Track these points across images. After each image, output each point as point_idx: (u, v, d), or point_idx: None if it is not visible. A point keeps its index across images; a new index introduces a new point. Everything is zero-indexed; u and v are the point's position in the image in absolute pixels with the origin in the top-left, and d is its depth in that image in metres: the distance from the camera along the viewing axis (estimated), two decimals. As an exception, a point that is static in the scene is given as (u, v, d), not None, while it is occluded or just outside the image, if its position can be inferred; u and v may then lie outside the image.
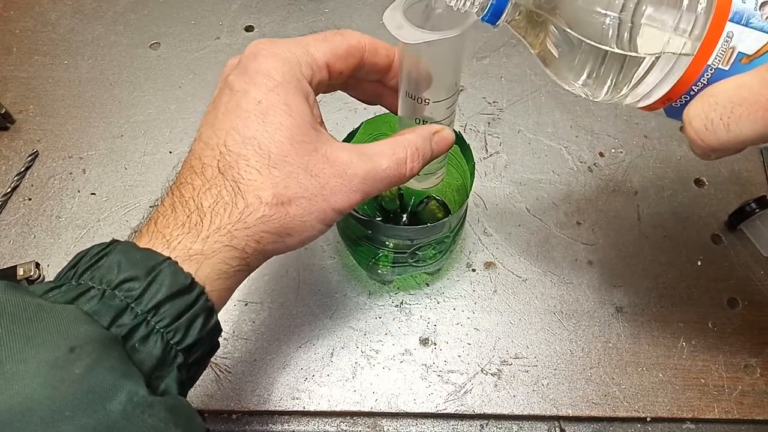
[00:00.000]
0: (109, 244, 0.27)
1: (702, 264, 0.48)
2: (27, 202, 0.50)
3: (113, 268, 0.25)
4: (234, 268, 0.28)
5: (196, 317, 0.26)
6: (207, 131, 0.29)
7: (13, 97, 0.56)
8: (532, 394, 0.42)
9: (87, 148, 0.53)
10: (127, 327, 0.25)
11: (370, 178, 0.29)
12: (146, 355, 0.25)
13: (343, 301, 0.46)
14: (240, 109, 0.28)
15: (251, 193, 0.27)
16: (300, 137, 0.28)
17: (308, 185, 0.28)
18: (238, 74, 0.29)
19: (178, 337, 0.26)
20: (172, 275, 0.26)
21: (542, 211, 0.50)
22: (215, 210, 0.27)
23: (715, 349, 0.44)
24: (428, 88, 0.31)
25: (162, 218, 0.28)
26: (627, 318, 0.46)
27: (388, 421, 0.42)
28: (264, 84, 0.28)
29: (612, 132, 0.55)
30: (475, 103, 0.56)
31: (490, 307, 0.46)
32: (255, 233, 0.28)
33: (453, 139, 0.34)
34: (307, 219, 0.28)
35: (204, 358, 0.28)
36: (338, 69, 0.31)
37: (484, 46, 0.60)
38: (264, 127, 0.28)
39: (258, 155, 0.28)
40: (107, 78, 0.57)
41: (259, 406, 0.42)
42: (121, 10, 0.62)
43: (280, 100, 0.28)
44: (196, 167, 0.28)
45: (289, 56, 0.29)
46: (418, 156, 0.31)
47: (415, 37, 0.27)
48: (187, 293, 0.26)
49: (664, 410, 0.42)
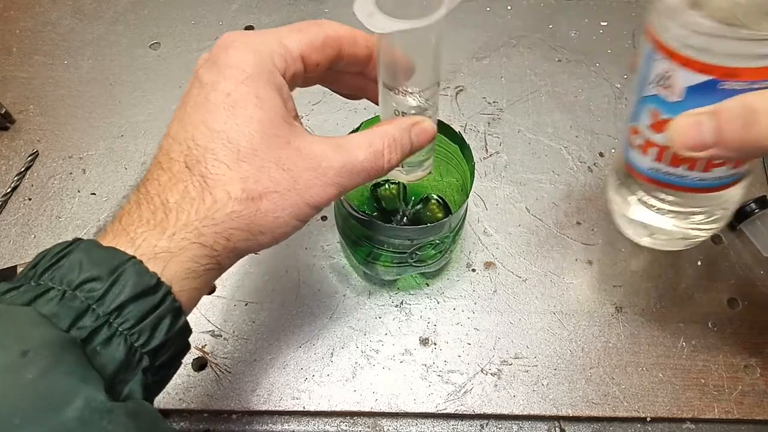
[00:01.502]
0: (71, 242, 0.26)
1: (702, 264, 0.48)
2: (27, 202, 0.50)
3: (74, 267, 0.24)
4: (203, 266, 0.27)
5: (162, 318, 0.25)
6: (175, 126, 0.28)
7: (14, 97, 0.56)
8: (532, 394, 0.42)
9: (87, 148, 0.53)
10: (87, 329, 0.24)
11: (346, 171, 0.28)
12: (108, 359, 0.24)
13: (343, 301, 0.46)
14: (209, 102, 0.27)
15: (219, 188, 0.26)
16: (271, 131, 0.27)
17: (280, 179, 0.27)
18: (208, 67, 0.28)
19: (142, 339, 0.25)
20: (137, 275, 0.25)
21: (542, 211, 0.50)
22: (181, 206, 0.26)
23: (714, 349, 0.44)
24: (405, 78, 0.30)
25: (126, 215, 0.27)
26: (627, 318, 0.46)
27: (388, 421, 0.42)
28: (234, 76, 0.27)
29: (612, 132, 0.55)
30: (475, 103, 0.56)
31: (490, 307, 0.46)
32: (224, 230, 0.26)
33: (434, 131, 0.32)
34: (279, 215, 0.27)
35: (173, 360, 0.27)
36: (314, 60, 0.30)
37: (484, 46, 0.60)
38: (233, 120, 0.27)
39: (227, 149, 0.26)
40: (107, 78, 0.57)
41: (259, 406, 0.42)
42: (121, 10, 0.62)
43: (251, 92, 0.27)
44: (163, 163, 0.27)
45: (261, 48, 0.28)
46: (396, 147, 0.30)
47: (386, 26, 0.26)
48: (152, 293, 0.25)
49: (664, 410, 0.42)
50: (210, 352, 0.43)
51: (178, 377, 0.42)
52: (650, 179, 0.37)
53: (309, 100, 0.56)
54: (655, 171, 0.36)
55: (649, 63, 0.33)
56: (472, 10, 0.63)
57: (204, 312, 0.45)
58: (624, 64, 0.59)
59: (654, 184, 0.37)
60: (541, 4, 0.64)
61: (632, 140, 0.37)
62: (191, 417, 0.42)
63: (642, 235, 0.43)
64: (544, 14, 0.63)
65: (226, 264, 0.28)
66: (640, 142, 0.36)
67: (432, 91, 0.31)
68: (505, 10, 0.63)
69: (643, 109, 0.35)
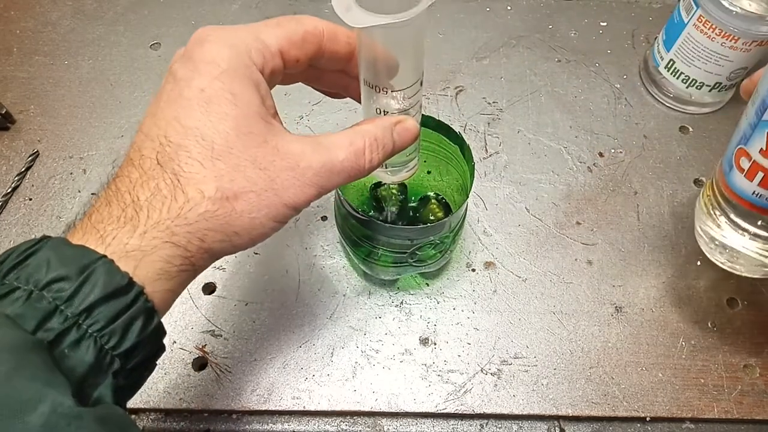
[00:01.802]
0: (39, 240, 0.25)
1: (701, 264, 0.48)
2: (27, 202, 0.50)
3: (42, 266, 0.23)
4: (177, 267, 0.26)
5: (134, 320, 0.24)
6: (148, 122, 0.27)
7: (14, 97, 0.56)
8: (531, 393, 0.42)
9: (88, 148, 0.53)
10: (55, 331, 0.23)
11: (325, 171, 0.27)
12: (77, 362, 0.23)
13: (343, 301, 0.46)
14: (182, 98, 0.26)
15: (192, 187, 0.25)
16: (246, 128, 0.26)
17: (256, 179, 0.26)
18: (183, 62, 0.27)
19: (114, 341, 0.24)
20: (107, 274, 0.24)
21: (542, 211, 0.51)
22: (152, 204, 0.25)
23: (714, 349, 0.45)
24: (387, 76, 0.29)
25: (96, 213, 0.26)
26: (626, 318, 0.46)
27: (388, 420, 0.42)
28: (208, 72, 0.26)
29: (612, 132, 0.55)
30: (475, 103, 0.56)
31: (490, 307, 0.46)
32: (197, 230, 0.25)
33: (417, 130, 0.32)
34: (256, 216, 0.26)
35: (147, 363, 0.26)
36: (294, 56, 0.29)
37: (484, 46, 0.60)
38: (207, 117, 0.26)
39: (200, 146, 0.26)
40: (108, 78, 0.58)
41: (259, 406, 0.42)
42: (121, 11, 0.62)
43: (225, 88, 0.26)
44: (134, 159, 0.26)
45: (237, 42, 0.27)
46: (377, 147, 0.29)
47: (364, 21, 0.25)
48: (123, 294, 0.24)
49: (663, 410, 0.42)
50: (210, 352, 0.43)
51: (178, 377, 0.42)
52: (751, 204, 0.38)
53: (309, 101, 0.56)
54: (758, 196, 0.37)
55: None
56: (472, 10, 0.63)
57: (204, 312, 0.45)
58: (624, 64, 0.59)
59: (754, 209, 0.38)
60: (541, 4, 0.64)
61: (738, 162, 0.38)
62: (191, 417, 0.42)
63: (722, 257, 0.45)
64: (544, 14, 0.63)
65: (201, 266, 0.27)
66: (748, 165, 0.37)
67: (414, 89, 0.30)
68: (504, 10, 0.63)
69: (759, 134, 0.36)
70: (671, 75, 0.55)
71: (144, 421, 0.41)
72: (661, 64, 0.55)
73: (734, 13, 0.47)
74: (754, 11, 0.47)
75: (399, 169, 0.35)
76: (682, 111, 0.56)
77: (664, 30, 0.55)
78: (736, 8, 0.47)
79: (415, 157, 0.35)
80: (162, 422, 0.41)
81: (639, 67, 0.59)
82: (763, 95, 0.35)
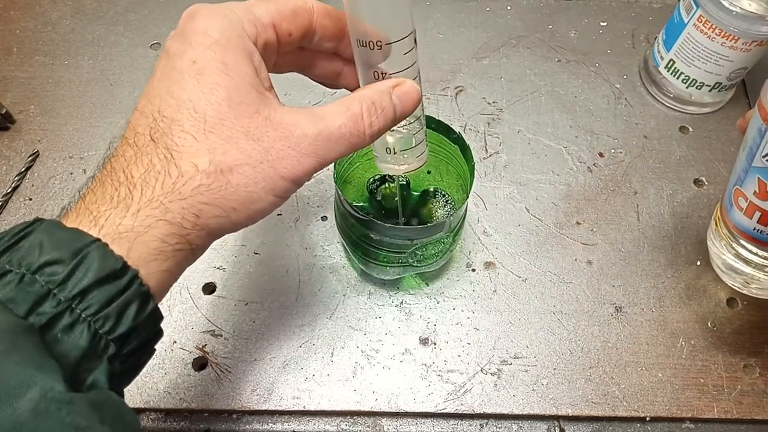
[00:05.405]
0: (31, 222, 0.24)
1: (701, 264, 0.48)
2: (28, 202, 0.50)
3: (34, 249, 0.23)
4: (172, 246, 0.25)
5: (129, 303, 0.24)
6: (143, 100, 0.27)
7: (14, 97, 0.56)
8: (531, 393, 0.42)
9: (88, 148, 0.53)
10: (47, 315, 0.22)
11: (322, 139, 0.27)
12: (71, 347, 0.22)
13: (343, 301, 0.46)
14: (175, 71, 0.26)
15: (186, 161, 0.25)
16: (238, 98, 0.26)
17: (250, 151, 0.26)
18: (175, 37, 0.27)
19: (108, 325, 0.23)
20: (101, 258, 0.23)
21: (542, 211, 0.51)
22: (146, 181, 0.25)
23: (714, 349, 0.45)
24: (374, 23, 0.28)
25: (90, 194, 0.26)
26: (626, 318, 0.46)
27: (388, 420, 0.42)
28: (200, 42, 0.26)
29: (612, 132, 0.55)
30: (475, 103, 0.56)
31: (489, 306, 0.46)
32: (192, 205, 0.25)
33: (418, 93, 0.30)
34: (253, 189, 0.26)
35: (144, 347, 0.26)
36: (286, 29, 0.28)
37: (484, 46, 0.60)
38: (200, 88, 0.25)
39: (193, 119, 0.25)
40: (108, 78, 0.58)
41: (259, 406, 0.42)
42: (121, 11, 0.62)
43: (217, 58, 0.26)
44: (129, 138, 0.26)
45: (229, 14, 0.27)
46: (376, 110, 0.28)
47: None
48: (118, 278, 0.23)
49: (663, 410, 0.42)
50: (210, 352, 0.43)
51: (178, 377, 0.42)
52: (753, 238, 0.39)
53: (309, 101, 0.56)
54: (760, 232, 0.38)
55: (761, 137, 0.35)
56: (472, 10, 0.63)
57: (204, 312, 0.45)
58: (624, 64, 0.59)
59: (756, 243, 0.39)
60: (541, 4, 0.64)
61: (737, 201, 0.39)
62: (191, 417, 0.42)
63: (736, 281, 0.46)
64: (544, 14, 0.63)
65: (198, 245, 0.26)
66: (745, 205, 0.38)
67: (408, 43, 0.29)
68: (504, 10, 0.63)
69: (751, 178, 0.36)
70: (671, 75, 0.55)
71: (144, 421, 0.41)
72: (661, 64, 0.56)
73: (734, 13, 0.47)
74: (754, 11, 0.47)
75: (408, 154, 0.34)
76: (682, 111, 0.56)
77: (664, 30, 0.55)
78: (736, 8, 0.47)
79: (423, 140, 0.34)
80: (162, 422, 0.41)
81: (639, 67, 0.59)
82: (750, 143, 0.36)
